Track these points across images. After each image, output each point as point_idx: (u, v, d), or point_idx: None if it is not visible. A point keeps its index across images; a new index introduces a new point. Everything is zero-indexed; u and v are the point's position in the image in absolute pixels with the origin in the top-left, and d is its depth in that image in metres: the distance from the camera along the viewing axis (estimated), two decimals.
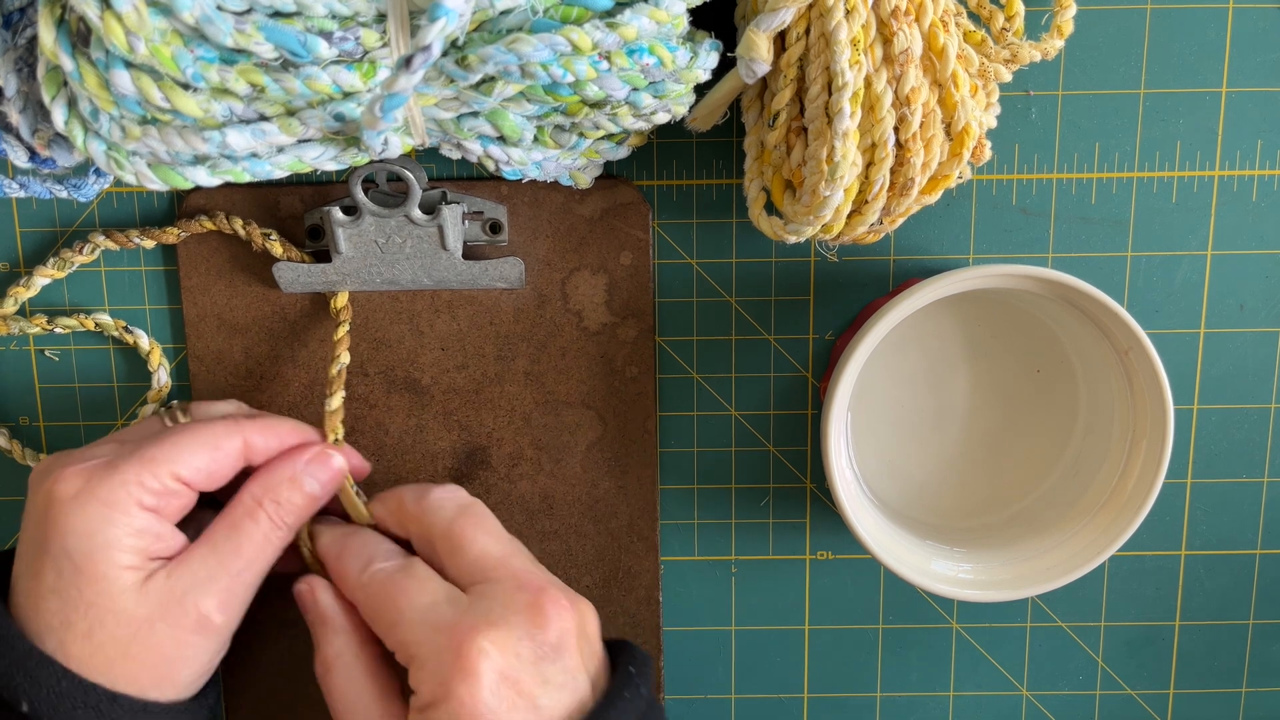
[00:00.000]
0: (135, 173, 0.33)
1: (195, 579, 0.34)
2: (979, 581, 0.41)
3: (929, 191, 0.36)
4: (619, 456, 0.43)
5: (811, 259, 0.43)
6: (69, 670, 0.33)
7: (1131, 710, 0.47)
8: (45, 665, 0.33)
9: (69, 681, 0.33)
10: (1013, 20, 0.38)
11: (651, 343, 0.43)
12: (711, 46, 0.35)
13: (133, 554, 0.34)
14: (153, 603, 0.33)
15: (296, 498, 0.37)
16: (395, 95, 0.30)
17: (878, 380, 0.43)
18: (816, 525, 0.45)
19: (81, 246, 0.42)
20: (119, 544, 0.33)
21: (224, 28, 0.30)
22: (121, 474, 0.34)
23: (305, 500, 0.37)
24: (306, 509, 0.37)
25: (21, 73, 0.34)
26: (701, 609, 0.46)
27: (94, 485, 0.33)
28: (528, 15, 0.31)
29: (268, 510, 0.36)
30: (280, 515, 0.36)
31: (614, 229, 0.42)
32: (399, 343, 0.42)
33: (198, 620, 0.34)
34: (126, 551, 0.33)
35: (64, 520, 0.33)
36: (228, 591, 0.35)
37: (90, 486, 0.33)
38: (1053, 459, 0.43)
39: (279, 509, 0.36)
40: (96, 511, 0.33)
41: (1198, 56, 0.41)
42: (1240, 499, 0.45)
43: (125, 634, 0.33)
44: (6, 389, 0.43)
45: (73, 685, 0.33)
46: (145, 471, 0.34)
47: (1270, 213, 0.42)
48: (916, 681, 0.46)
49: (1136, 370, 0.39)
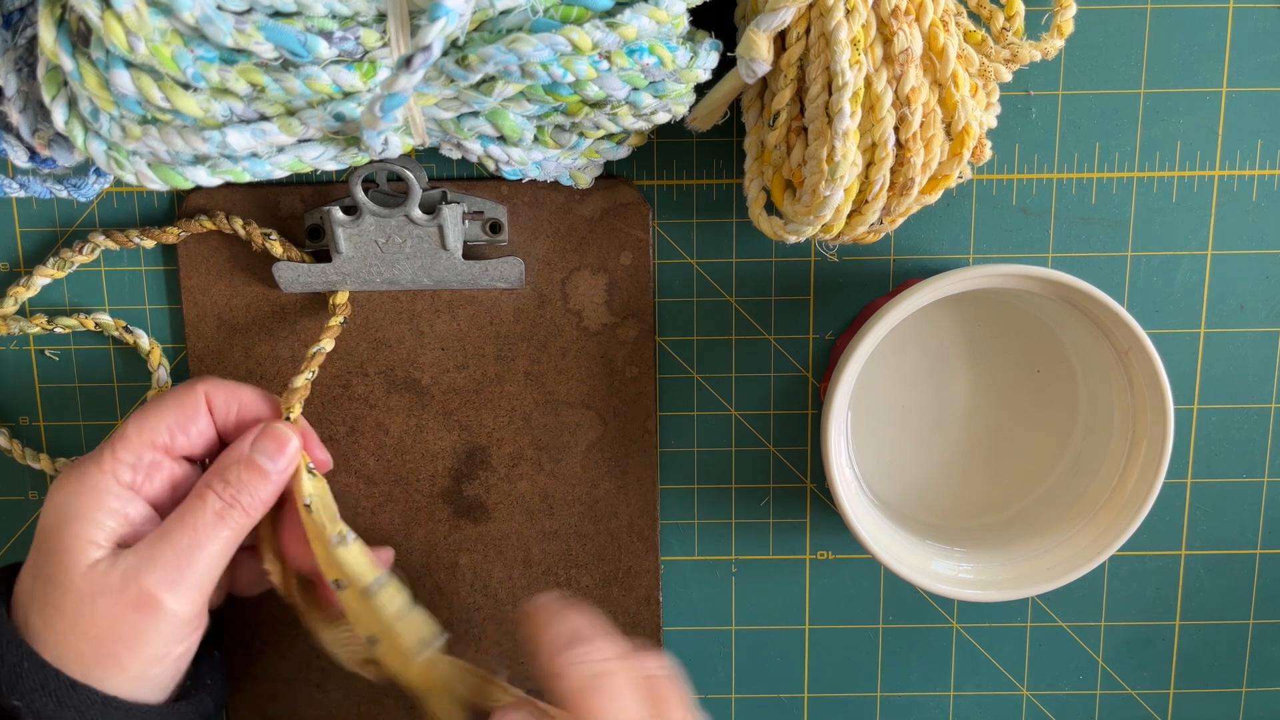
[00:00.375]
0: (135, 172, 0.33)
1: (140, 557, 0.34)
2: (979, 581, 0.41)
3: (929, 191, 0.36)
4: (619, 456, 0.43)
5: (811, 259, 0.43)
6: (35, 653, 0.33)
7: (1131, 710, 0.47)
8: (16, 647, 0.33)
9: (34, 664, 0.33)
10: (1013, 20, 0.38)
11: (651, 343, 0.43)
12: (711, 46, 0.35)
13: (101, 530, 0.34)
14: (96, 579, 0.34)
15: (246, 474, 0.36)
16: (395, 95, 0.30)
17: (878, 380, 0.43)
18: (816, 525, 0.45)
19: (81, 246, 0.42)
20: (87, 518, 0.34)
21: (224, 28, 0.30)
22: (96, 454, 0.35)
23: (256, 476, 0.36)
24: (259, 484, 0.36)
25: (21, 72, 0.34)
26: (701, 609, 0.46)
27: (74, 470, 0.35)
28: (528, 15, 0.31)
29: (215, 489, 0.35)
30: (229, 493, 0.35)
31: (614, 229, 0.42)
32: (399, 343, 0.42)
33: (140, 598, 0.33)
34: (95, 527, 0.34)
35: (46, 503, 0.35)
36: (174, 569, 0.34)
37: (70, 471, 0.35)
38: (1053, 459, 0.43)
39: (227, 487, 0.35)
40: (71, 489, 0.34)
41: (1198, 56, 0.41)
42: (1240, 499, 0.45)
43: (70, 608, 0.33)
44: (6, 389, 0.43)
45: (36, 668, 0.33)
46: (117, 446, 0.35)
47: (1270, 213, 0.42)
48: (916, 681, 0.46)
49: (1136, 370, 0.39)
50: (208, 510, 0.35)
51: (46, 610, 0.34)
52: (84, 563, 0.34)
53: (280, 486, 0.37)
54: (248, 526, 0.36)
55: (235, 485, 0.36)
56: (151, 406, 0.36)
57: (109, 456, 0.35)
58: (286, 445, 0.37)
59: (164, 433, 0.36)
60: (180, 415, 0.36)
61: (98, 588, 0.33)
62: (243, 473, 0.36)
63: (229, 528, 0.35)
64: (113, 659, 0.34)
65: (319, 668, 0.45)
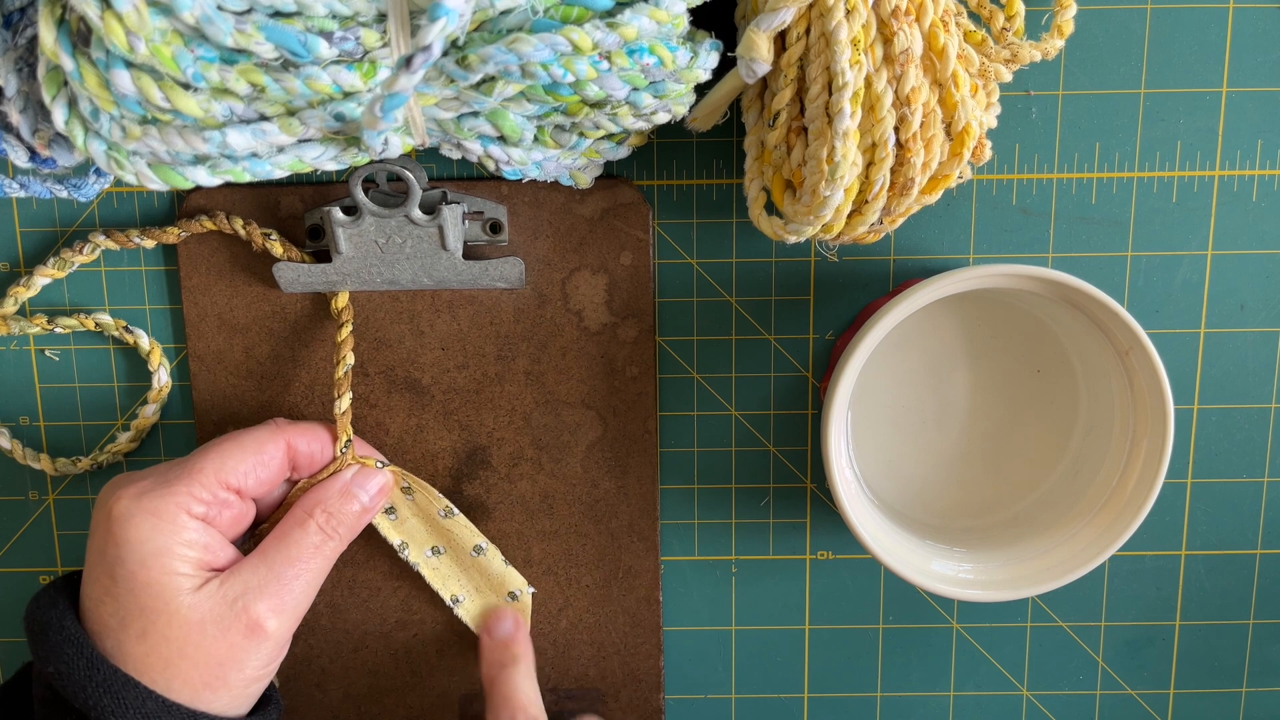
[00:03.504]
0: (135, 173, 0.33)
1: (246, 585, 0.36)
2: (979, 581, 0.41)
3: (929, 191, 0.36)
4: (619, 456, 0.43)
5: (811, 259, 0.43)
6: (124, 673, 0.34)
7: (1131, 710, 0.47)
8: (100, 666, 0.34)
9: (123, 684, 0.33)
10: (1013, 20, 0.38)
11: (652, 343, 0.43)
12: (712, 46, 0.35)
13: (185, 562, 0.35)
14: (205, 608, 0.35)
15: (347, 508, 0.39)
16: (395, 95, 0.30)
17: (878, 380, 0.43)
18: (816, 525, 0.45)
19: (82, 246, 0.42)
20: (171, 552, 0.34)
21: (224, 28, 0.30)
22: (170, 486, 0.35)
23: (356, 510, 0.39)
24: (357, 519, 0.39)
25: (22, 72, 0.34)
26: (701, 609, 0.46)
27: (146, 500, 0.35)
28: (528, 15, 0.31)
29: (318, 520, 0.38)
30: (331, 525, 0.38)
31: (614, 229, 0.42)
32: (399, 343, 0.42)
33: (249, 625, 0.35)
34: (179, 559, 0.35)
35: (119, 534, 0.34)
36: (278, 597, 0.36)
37: (142, 502, 0.35)
38: (1053, 459, 0.43)
39: (329, 519, 0.38)
40: (147, 522, 0.34)
41: (1198, 56, 0.41)
42: (1240, 499, 0.45)
43: (178, 635, 0.34)
44: (6, 389, 0.43)
45: (128, 688, 0.33)
46: (194, 481, 0.36)
47: (1270, 213, 0.42)
48: (916, 681, 0.46)
49: (1136, 370, 0.39)
50: (309, 540, 0.37)
51: (149, 638, 0.34)
52: (183, 591, 0.34)
53: (369, 518, 0.40)
54: (338, 554, 0.39)
55: (337, 518, 0.38)
56: (230, 446, 0.37)
57: (184, 492, 0.35)
58: (381, 482, 0.40)
59: (239, 478, 0.37)
60: (259, 464, 0.37)
61: (205, 615, 0.35)
62: (345, 506, 0.39)
63: (325, 557, 0.38)
64: (220, 681, 0.35)
65: (319, 668, 0.45)
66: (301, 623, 0.44)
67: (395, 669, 0.45)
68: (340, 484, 0.39)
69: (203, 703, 0.35)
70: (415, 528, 0.42)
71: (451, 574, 0.43)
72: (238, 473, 0.37)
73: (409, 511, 0.42)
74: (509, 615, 0.43)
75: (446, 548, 0.43)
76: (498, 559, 0.43)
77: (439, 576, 0.43)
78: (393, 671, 0.45)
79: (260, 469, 0.37)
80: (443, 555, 0.43)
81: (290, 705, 0.45)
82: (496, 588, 0.43)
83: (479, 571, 0.43)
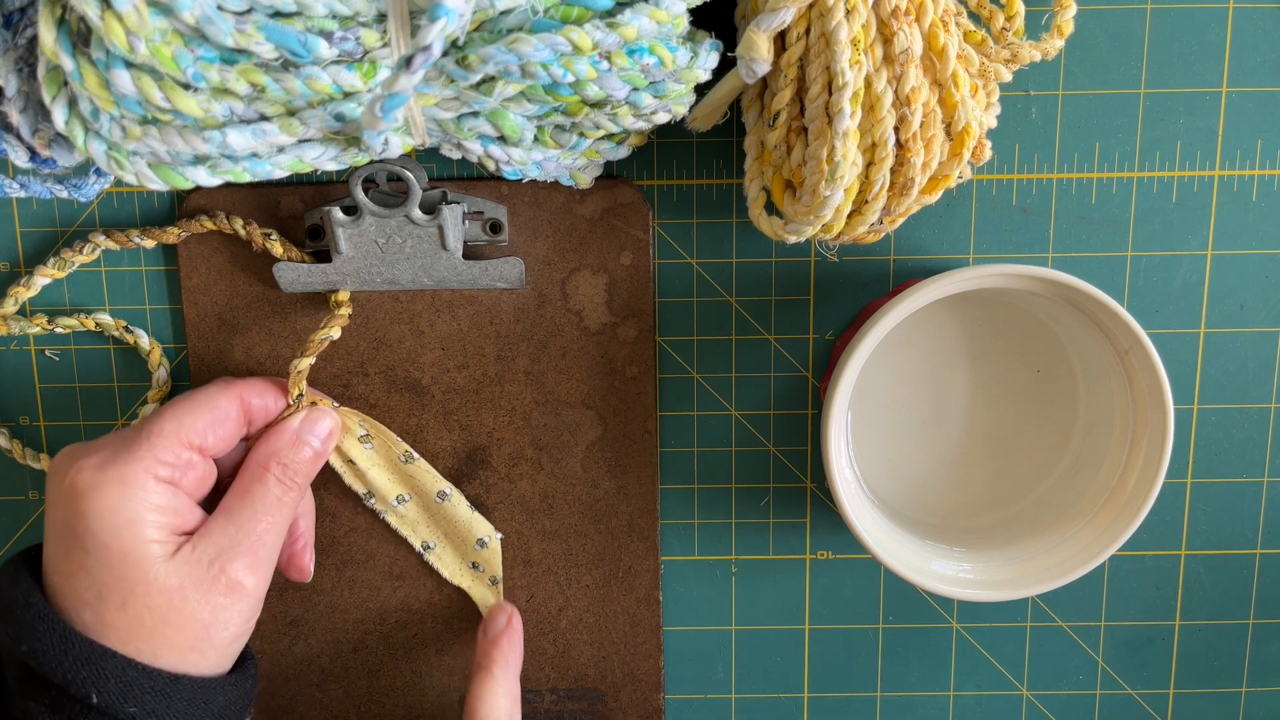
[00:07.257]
0: (135, 173, 0.33)
1: (219, 547, 0.36)
2: (979, 581, 0.41)
3: (929, 191, 0.36)
4: (619, 456, 0.43)
5: (811, 259, 0.43)
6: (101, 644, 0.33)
7: (1131, 710, 0.47)
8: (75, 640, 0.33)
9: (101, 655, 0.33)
10: (1013, 20, 0.38)
11: (651, 343, 0.43)
12: (712, 46, 0.35)
13: (157, 529, 0.35)
14: (184, 572, 0.35)
15: (300, 456, 0.39)
16: (395, 95, 0.30)
17: (878, 380, 0.43)
18: (816, 525, 0.45)
19: (82, 246, 0.42)
20: (142, 519, 0.34)
21: (224, 28, 0.30)
22: (133, 452, 0.35)
23: (309, 456, 0.39)
24: (312, 465, 0.39)
25: (22, 73, 0.34)
26: (701, 609, 0.46)
27: (111, 470, 0.34)
28: (528, 15, 0.31)
29: (274, 473, 0.38)
30: (288, 475, 0.38)
31: (614, 229, 0.42)
32: (399, 343, 0.42)
33: (228, 585, 0.35)
34: (151, 526, 0.34)
35: (86, 506, 0.34)
36: (252, 554, 0.36)
37: (107, 472, 0.34)
38: (1053, 459, 0.43)
39: (285, 470, 0.38)
40: (115, 491, 0.34)
41: (1198, 56, 0.41)
42: (1240, 499, 0.45)
43: (160, 603, 0.34)
44: (6, 389, 0.43)
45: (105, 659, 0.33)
46: (156, 445, 0.35)
47: (1270, 213, 0.42)
48: (916, 681, 0.46)
49: (1136, 370, 0.39)
50: (270, 494, 0.37)
51: (130, 608, 0.34)
52: (158, 558, 0.34)
53: (324, 460, 0.40)
54: (300, 501, 0.39)
55: (293, 467, 0.38)
56: (184, 405, 0.37)
57: (149, 457, 0.35)
58: (330, 425, 0.40)
59: (198, 435, 0.36)
60: (215, 419, 0.37)
61: (184, 580, 0.35)
62: (298, 454, 0.39)
63: (289, 506, 0.38)
64: (206, 643, 0.35)
65: (319, 668, 0.45)
66: (301, 623, 0.44)
67: (395, 669, 0.45)
68: (290, 433, 0.39)
69: (189, 665, 0.35)
70: (379, 477, 0.42)
71: (420, 520, 0.43)
72: (196, 430, 0.36)
73: (369, 462, 0.42)
74: (503, 614, 0.43)
75: (412, 494, 0.43)
76: (463, 505, 0.43)
77: (407, 524, 0.43)
78: (393, 671, 0.45)
79: (218, 426, 0.37)
80: (408, 503, 0.43)
81: (290, 705, 0.45)
82: (464, 535, 0.43)
83: (445, 518, 0.43)
